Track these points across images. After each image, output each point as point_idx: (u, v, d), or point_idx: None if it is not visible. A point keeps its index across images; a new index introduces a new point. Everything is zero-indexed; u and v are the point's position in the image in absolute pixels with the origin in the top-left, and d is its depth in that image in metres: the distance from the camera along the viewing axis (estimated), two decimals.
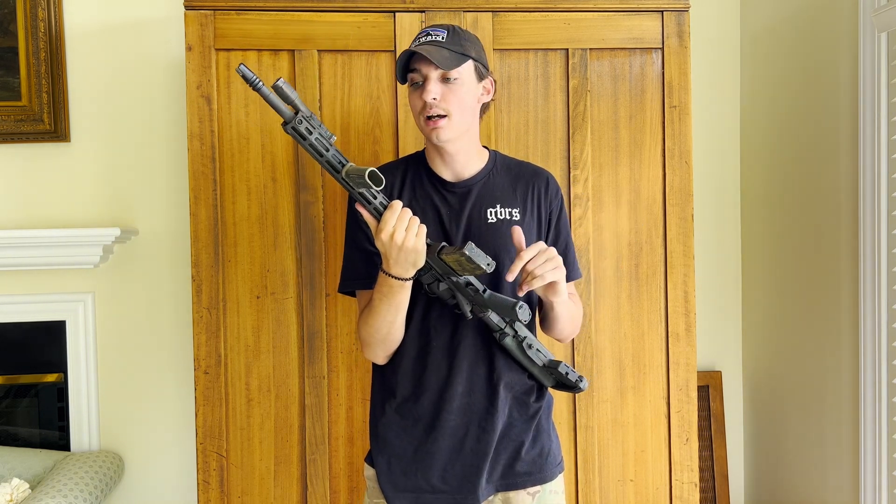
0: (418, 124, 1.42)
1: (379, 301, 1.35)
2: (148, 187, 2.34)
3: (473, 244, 1.24)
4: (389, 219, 1.26)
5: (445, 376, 1.41)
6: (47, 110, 2.27)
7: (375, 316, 1.36)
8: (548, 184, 1.52)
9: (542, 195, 1.50)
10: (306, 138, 1.25)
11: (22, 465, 2.15)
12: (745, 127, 2.56)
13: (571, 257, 1.55)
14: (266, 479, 1.88)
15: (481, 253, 1.24)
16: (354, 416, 1.88)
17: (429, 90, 1.36)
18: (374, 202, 1.29)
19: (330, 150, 1.27)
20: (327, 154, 1.26)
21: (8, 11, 2.25)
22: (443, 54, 1.35)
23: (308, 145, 1.26)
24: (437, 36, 1.38)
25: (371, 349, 1.43)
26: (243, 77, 1.21)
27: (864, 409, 2.00)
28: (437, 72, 1.36)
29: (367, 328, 1.40)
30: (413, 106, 1.42)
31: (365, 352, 1.44)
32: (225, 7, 1.84)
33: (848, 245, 2.07)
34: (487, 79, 1.46)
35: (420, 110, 1.39)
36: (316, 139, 1.25)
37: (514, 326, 1.39)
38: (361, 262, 1.44)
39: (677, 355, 1.95)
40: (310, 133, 1.25)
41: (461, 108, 1.38)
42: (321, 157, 1.27)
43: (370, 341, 1.41)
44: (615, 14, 1.92)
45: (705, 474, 2.50)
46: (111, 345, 2.34)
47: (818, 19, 2.19)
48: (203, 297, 1.84)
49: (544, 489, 1.46)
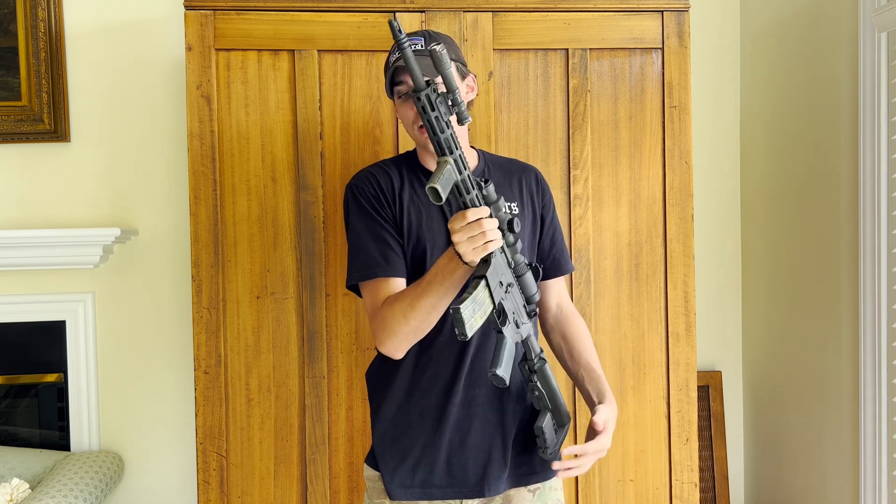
0: (411, 134, 1.43)
1: (435, 280, 1.29)
2: (148, 187, 2.34)
3: None
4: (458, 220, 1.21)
5: (451, 370, 1.41)
6: (47, 110, 2.27)
7: (422, 297, 1.30)
8: (537, 179, 1.55)
9: (534, 190, 1.53)
10: (426, 113, 1.19)
11: (22, 465, 2.15)
12: (745, 127, 2.56)
13: (564, 251, 1.57)
14: (266, 479, 1.88)
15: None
16: (354, 416, 1.88)
17: None
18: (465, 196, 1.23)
19: (449, 128, 1.21)
20: (443, 134, 1.20)
21: (8, 11, 2.25)
22: (425, 62, 1.34)
23: (432, 117, 1.20)
24: (415, 44, 1.38)
25: (397, 339, 1.34)
26: (393, 30, 1.15)
27: (864, 409, 2.00)
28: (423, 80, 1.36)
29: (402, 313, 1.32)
30: (404, 117, 1.42)
31: (387, 343, 1.36)
32: (225, 7, 1.84)
33: (848, 245, 2.07)
34: (469, 76, 1.47)
35: (413, 120, 1.39)
36: (436, 117, 1.19)
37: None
38: (375, 249, 1.40)
39: (677, 355, 1.95)
40: (433, 109, 1.19)
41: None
42: (433, 136, 1.21)
43: (399, 329, 1.33)
44: (615, 14, 1.92)
45: (705, 474, 2.50)
46: (111, 345, 2.34)
47: (818, 19, 2.19)
48: (203, 297, 1.84)
49: (544, 486, 1.47)
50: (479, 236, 1.20)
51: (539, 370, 1.38)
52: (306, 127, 1.86)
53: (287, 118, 1.87)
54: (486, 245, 1.21)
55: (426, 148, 1.40)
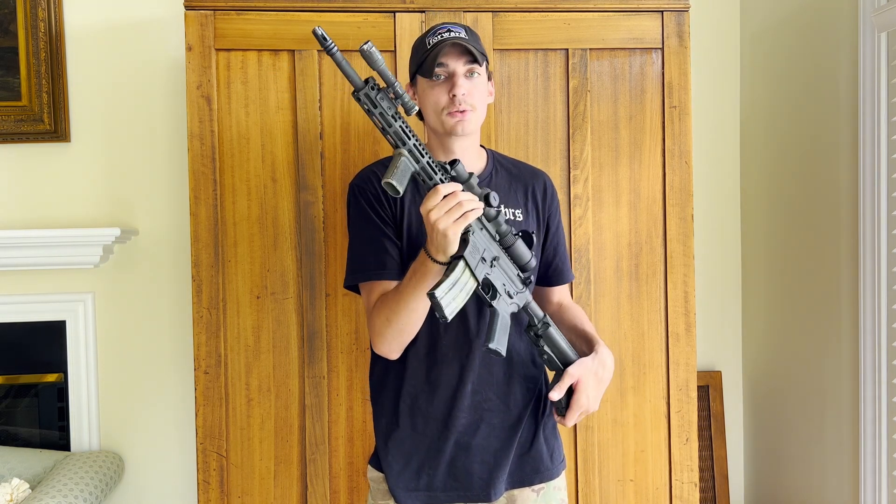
0: (437, 120, 1.40)
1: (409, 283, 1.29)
2: (148, 187, 2.34)
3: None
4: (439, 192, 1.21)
5: (458, 373, 1.40)
6: (47, 110, 2.27)
7: (399, 301, 1.31)
8: (545, 186, 1.53)
9: (540, 197, 1.51)
10: (371, 111, 1.21)
11: (22, 465, 2.15)
12: (745, 127, 2.56)
13: (566, 261, 1.56)
14: (266, 479, 1.88)
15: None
16: (354, 416, 1.88)
17: (460, 84, 1.36)
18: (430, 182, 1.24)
19: (397, 121, 1.22)
20: (391, 128, 1.21)
21: (8, 11, 2.25)
22: (475, 47, 1.37)
23: (377, 114, 1.21)
24: (458, 32, 1.39)
25: (385, 341, 1.36)
26: (318, 38, 1.16)
27: (864, 408, 2.00)
28: (465, 67, 1.37)
29: (385, 317, 1.34)
30: (435, 101, 1.39)
31: (379, 345, 1.37)
32: (225, 7, 1.84)
33: (848, 245, 2.07)
34: (491, 80, 1.48)
35: (445, 105, 1.38)
36: (380, 113, 1.21)
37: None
38: (372, 252, 1.40)
39: (677, 355, 1.95)
40: (375, 106, 1.21)
41: (482, 103, 1.42)
42: (384, 131, 1.22)
43: (386, 332, 1.34)
44: (615, 14, 1.92)
45: (705, 474, 2.50)
46: (111, 345, 2.34)
47: (818, 19, 2.19)
48: (203, 297, 1.84)
49: (548, 486, 1.47)
50: (455, 208, 1.20)
51: (544, 334, 1.37)
52: (306, 127, 1.86)
53: (287, 118, 1.87)
54: (467, 214, 1.20)
55: (455, 131, 1.39)
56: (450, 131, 1.40)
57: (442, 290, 1.20)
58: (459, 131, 1.38)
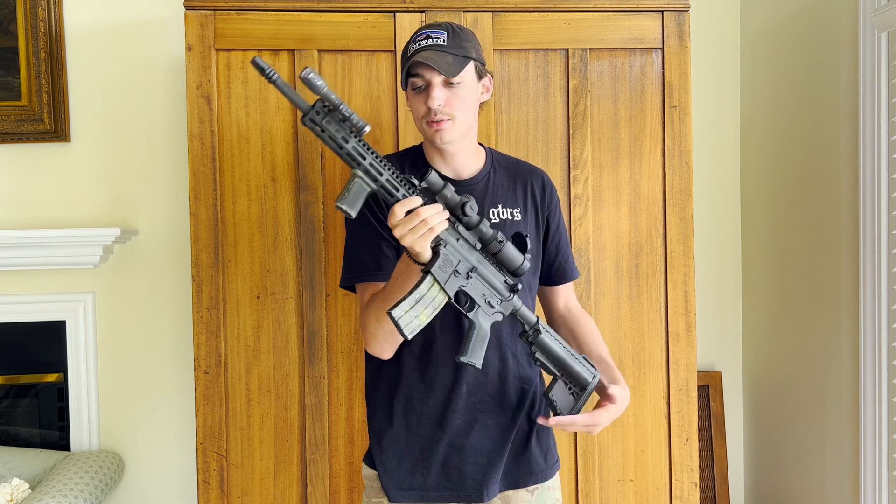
0: (420, 127, 1.41)
1: (395, 284, 1.29)
2: (148, 187, 2.34)
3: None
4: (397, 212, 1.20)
5: (453, 374, 1.40)
6: (47, 110, 2.27)
7: (387, 302, 1.30)
8: (543, 184, 1.52)
9: (539, 195, 1.51)
10: (320, 134, 1.19)
11: (22, 465, 2.15)
12: (745, 127, 2.56)
13: (570, 258, 1.55)
14: (266, 479, 1.88)
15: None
16: (354, 416, 1.88)
17: (434, 97, 1.34)
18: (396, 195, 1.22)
19: (349, 142, 1.19)
20: (343, 150, 1.20)
21: (8, 11, 2.25)
22: (446, 60, 1.33)
23: (326, 138, 1.20)
24: (437, 38, 1.35)
25: (377, 342, 1.36)
26: (258, 68, 1.14)
27: (864, 409, 2.00)
28: (441, 77, 1.34)
29: (375, 317, 1.33)
30: (415, 110, 1.40)
31: (370, 346, 1.38)
32: (225, 7, 1.84)
33: (848, 245, 2.07)
34: (486, 76, 1.44)
35: (423, 115, 1.37)
36: (329, 136, 1.19)
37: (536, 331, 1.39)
38: (368, 253, 1.40)
39: (677, 355, 1.95)
40: (323, 130, 1.19)
41: (464, 110, 1.37)
42: (337, 153, 1.21)
43: (377, 332, 1.34)
44: (615, 14, 1.92)
45: (705, 474, 2.50)
46: (111, 345, 2.34)
47: (818, 19, 2.19)
48: (203, 297, 1.84)
49: (543, 486, 1.47)
50: (419, 225, 1.19)
51: (535, 341, 1.36)
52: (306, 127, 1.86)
53: (287, 118, 1.87)
54: (433, 228, 1.19)
55: (434, 142, 1.39)
56: (431, 140, 1.40)
57: (401, 310, 1.19)
58: (438, 141, 1.38)
